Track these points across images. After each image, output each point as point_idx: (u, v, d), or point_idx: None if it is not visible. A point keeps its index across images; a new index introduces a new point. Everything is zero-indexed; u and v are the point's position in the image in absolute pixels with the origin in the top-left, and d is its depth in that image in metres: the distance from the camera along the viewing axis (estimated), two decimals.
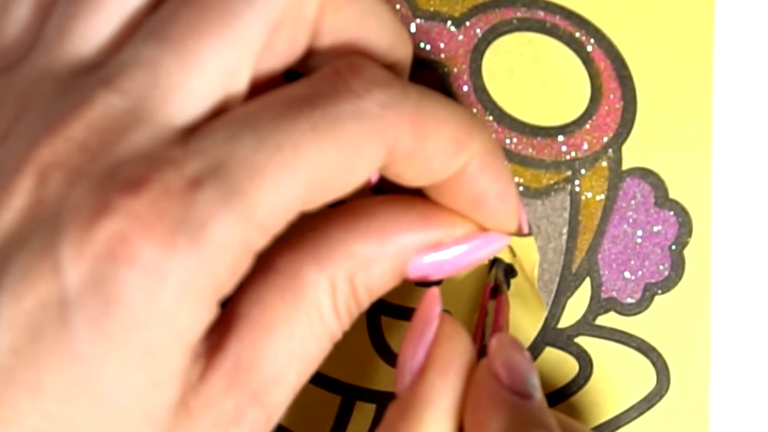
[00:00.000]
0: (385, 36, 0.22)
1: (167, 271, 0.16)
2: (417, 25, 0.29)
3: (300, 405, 0.29)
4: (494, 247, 0.23)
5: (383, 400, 0.29)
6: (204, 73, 0.18)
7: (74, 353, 0.16)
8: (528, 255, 0.28)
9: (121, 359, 0.16)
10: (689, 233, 0.29)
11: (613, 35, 0.29)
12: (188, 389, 0.18)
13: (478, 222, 0.23)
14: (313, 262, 0.20)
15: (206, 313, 0.17)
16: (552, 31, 0.29)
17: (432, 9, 0.29)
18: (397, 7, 0.29)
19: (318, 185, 0.18)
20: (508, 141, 0.29)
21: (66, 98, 0.18)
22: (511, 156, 0.29)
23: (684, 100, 0.29)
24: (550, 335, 0.29)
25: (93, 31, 0.19)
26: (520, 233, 0.24)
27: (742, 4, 0.29)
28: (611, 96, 0.29)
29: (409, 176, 0.20)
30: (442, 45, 0.29)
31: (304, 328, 0.20)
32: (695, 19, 0.29)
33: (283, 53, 0.20)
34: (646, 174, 0.29)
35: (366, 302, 0.21)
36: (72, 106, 0.18)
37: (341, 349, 0.29)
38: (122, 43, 0.19)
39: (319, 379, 0.29)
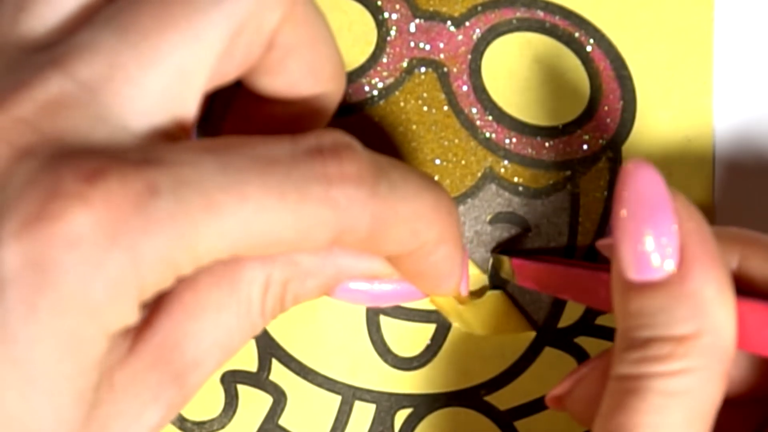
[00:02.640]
0: (328, 65, 0.22)
1: (104, 262, 0.16)
2: (417, 25, 0.29)
3: (300, 405, 0.29)
4: (417, 299, 0.24)
5: (383, 400, 0.29)
6: (162, 71, 0.18)
7: (6, 332, 0.16)
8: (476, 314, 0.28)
9: (50, 343, 0.16)
10: None
11: (612, 35, 0.29)
12: (114, 364, 0.18)
13: (417, 285, 0.23)
14: (256, 259, 0.20)
15: (129, 313, 0.17)
16: (551, 31, 0.29)
17: (432, 9, 0.29)
18: (397, 7, 0.29)
19: (261, 244, 0.18)
20: (507, 141, 0.29)
21: (15, 74, 0.18)
22: (510, 156, 0.29)
23: (684, 100, 0.29)
24: (550, 335, 0.29)
25: (49, 10, 0.19)
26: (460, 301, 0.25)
27: (741, 4, 0.29)
28: (611, 96, 0.29)
29: (356, 247, 0.20)
30: (441, 45, 0.29)
31: (231, 318, 0.20)
32: (695, 19, 0.29)
33: (239, 61, 0.20)
34: None
35: (287, 308, 0.21)
36: (20, 82, 0.18)
37: (341, 349, 0.29)
38: (79, 26, 0.19)
39: (318, 379, 0.29)
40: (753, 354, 0.23)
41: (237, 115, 0.24)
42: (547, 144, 0.29)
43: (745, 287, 0.22)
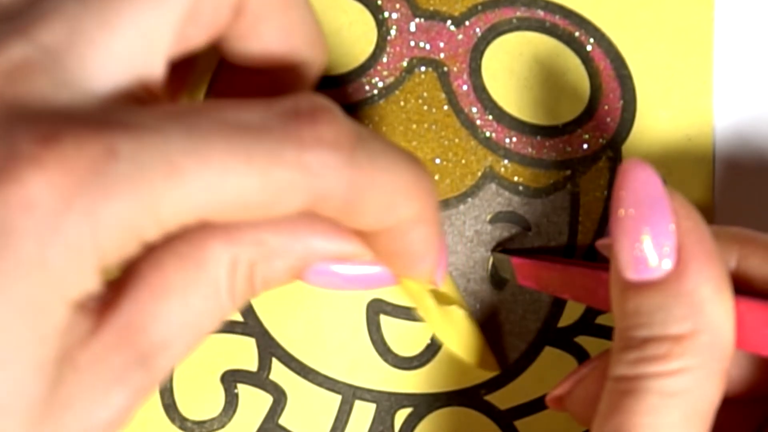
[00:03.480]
0: (302, 30, 0.22)
1: (60, 226, 0.16)
2: (417, 24, 0.29)
3: (300, 404, 0.29)
4: (389, 284, 0.24)
5: (383, 399, 0.29)
6: (125, 33, 0.18)
7: None
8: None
9: (5, 309, 0.16)
10: None
11: (612, 35, 0.29)
12: (77, 343, 0.18)
13: (389, 266, 0.23)
14: (221, 238, 0.20)
15: (88, 280, 0.17)
16: (551, 31, 0.29)
17: (432, 8, 0.29)
18: (397, 6, 0.29)
19: (229, 209, 0.18)
20: (507, 140, 0.29)
21: None
22: (510, 155, 0.29)
23: (684, 100, 0.29)
24: (550, 335, 0.29)
25: None
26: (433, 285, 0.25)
27: (741, 4, 0.29)
28: (611, 95, 0.29)
29: (333, 218, 0.20)
30: (441, 44, 0.29)
31: (198, 300, 0.20)
32: (695, 19, 0.29)
33: (206, 25, 0.20)
34: None
35: (258, 292, 0.21)
36: None
37: (341, 349, 0.29)
38: None
39: (318, 379, 0.29)
40: (753, 354, 0.23)
41: (220, 89, 0.24)
42: (547, 143, 0.29)
43: (744, 287, 0.22)
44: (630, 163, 0.21)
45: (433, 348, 0.29)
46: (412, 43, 0.29)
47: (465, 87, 0.29)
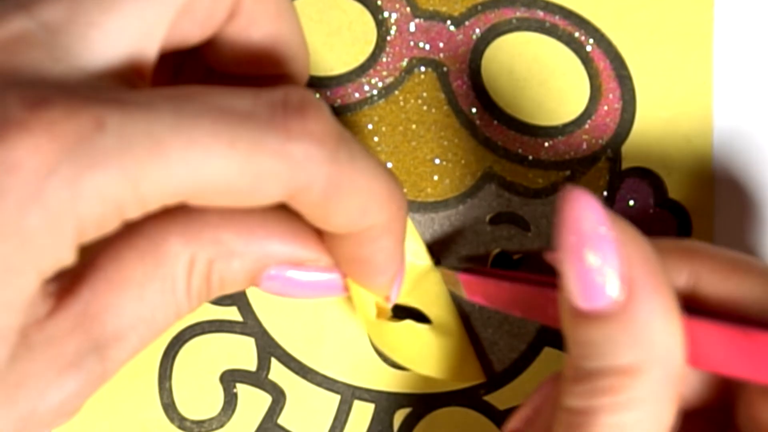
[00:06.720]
0: (292, 43, 0.22)
1: (42, 191, 0.16)
2: (416, 25, 0.29)
3: (299, 404, 0.29)
4: (339, 293, 0.24)
5: (382, 399, 0.29)
6: (124, 15, 0.19)
7: None
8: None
9: None
10: (689, 233, 0.29)
11: (612, 35, 0.29)
12: (33, 323, 0.18)
13: (350, 273, 0.23)
14: (180, 235, 0.20)
15: (64, 252, 0.17)
16: (551, 31, 0.29)
17: (432, 8, 0.29)
18: (397, 6, 0.29)
19: (209, 192, 0.18)
20: (507, 141, 0.29)
21: None
22: (510, 155, 0.29)
23: (684, 100, 0.29)
24: (550, 335, 0.29)
25: None
26: (386, 299, 0.25)
27: (741, 4, 0.29)
28: (610, 96, 0.29)
29: (305, 215, 0.20)
30: (441, 44, 0.29)
31: (155, 294, 0.20)
32: (695, 19, 0.29)
33: (200, 21, 0.20)
34: (645, 174, 0.29)
35: (215, 293, 0.21)
36: None
37: (340, 349, 0.29)
38: None
39: (318, 379, 0.29)
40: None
41: None
42: (546, 144, 0.29)
43: (695, 304, 0.22)
44: (572, 193, 0.20)
45: None
46: (412, 43, 0.29)
47: (464, 87, 0.29)
